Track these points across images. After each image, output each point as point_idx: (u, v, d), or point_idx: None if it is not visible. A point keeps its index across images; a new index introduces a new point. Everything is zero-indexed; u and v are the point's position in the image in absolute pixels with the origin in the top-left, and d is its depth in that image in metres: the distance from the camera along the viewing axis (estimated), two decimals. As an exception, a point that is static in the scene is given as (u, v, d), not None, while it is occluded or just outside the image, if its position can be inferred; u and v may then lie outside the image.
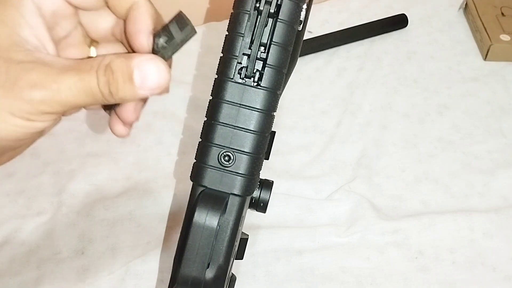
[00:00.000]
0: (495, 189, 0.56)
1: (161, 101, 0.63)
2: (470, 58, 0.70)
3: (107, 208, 0.52)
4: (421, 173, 0.57)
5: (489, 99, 0.65)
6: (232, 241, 0.34)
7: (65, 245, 0.50)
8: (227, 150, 0.33)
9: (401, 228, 0.52)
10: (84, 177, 0.55)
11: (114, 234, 0.50)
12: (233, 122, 0.33)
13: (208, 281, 0.33)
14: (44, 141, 0.58)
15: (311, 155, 0.58)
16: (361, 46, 0.71)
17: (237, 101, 0.33)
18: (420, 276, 0.48)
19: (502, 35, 0.69)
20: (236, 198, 0.33)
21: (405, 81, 0.67)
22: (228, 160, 0.33)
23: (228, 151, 0.33)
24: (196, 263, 0.33)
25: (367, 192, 0.55)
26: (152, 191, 0.54)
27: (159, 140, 0.59)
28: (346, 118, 0.62)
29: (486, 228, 0.52)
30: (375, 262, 0.49)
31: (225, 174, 0.33)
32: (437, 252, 0.50)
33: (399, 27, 0.74)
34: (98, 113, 0.62)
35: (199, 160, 0.34)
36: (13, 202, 0.53)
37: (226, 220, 0.33)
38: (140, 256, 0.49)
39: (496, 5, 0.74)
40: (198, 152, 0.34)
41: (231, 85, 0.33)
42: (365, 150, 0.59)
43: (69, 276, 0.48)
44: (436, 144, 0.60)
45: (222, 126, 0.33)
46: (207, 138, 0.34)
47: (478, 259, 0.50)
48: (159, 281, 0.48)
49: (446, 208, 0.54)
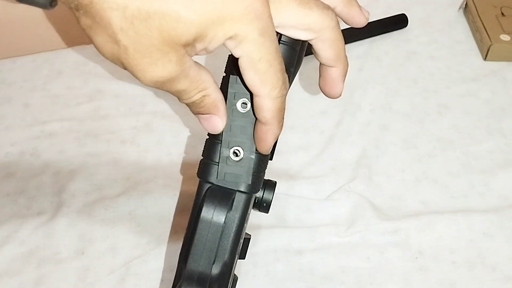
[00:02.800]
0: (495, 189, 0.56)
1: (161, 101, 0.63)
2: (470, 58, 0.70)
3: (107, 208, 0.52)
4: (421, 173, 0.57)
5: (489, 99, 0.65)
6: (237, 238, 0.34)
7: (65, 245, 0.50)
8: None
9: (401, 228, 0.52)
10: (84, 177, 0.55)
11: (114, 234, 0.50)
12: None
13: (213, 277, 0.33)
14: (44, 141, 0.59)
15: (311, 155, 0.58)
16: (361, 46, 0.71)
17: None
18: (420, 276, 0.48)
19: (502, 35, 0.69)
20: (242, 195, 0.34)
21: (405, 81, 0.67)
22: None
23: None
24: (203, 258, 0.33)
25: (367, 192, 0.55)
26: (152, 191, 0.54)
27: (159, 140, 0.59)
28: (346, 118, 0.62)
29: (486, 228, 0.52)
30: (375, 262, 0.49)
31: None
32: (437, 252, 0.50)
33: (399, 27, 0.74)
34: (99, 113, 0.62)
35: (206, 157, 0.34)
36: (13, 202, 0.53)
37: (232, 217, 0.34)
38: (140, 256, 0.49)
39: (496, 5, 0.74)
40: (205, 149, 0.34)
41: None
42: (365, 150, 0.59)
43: (69, 276, 0.48)
44: (436, 144, 0.60)
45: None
46: (214, 135, 0.34)
47: (478, 259, 0.50)
48: (159, 281, 0.48)
49: (446, 208, 0.54)
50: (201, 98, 0.32)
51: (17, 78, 0.66)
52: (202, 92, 0.31)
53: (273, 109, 0.31)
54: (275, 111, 0.31)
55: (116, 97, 0.63)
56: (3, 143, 0.58)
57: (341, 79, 0.34)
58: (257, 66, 0.29)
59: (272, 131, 0.32)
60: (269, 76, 0.30)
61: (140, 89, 0.64)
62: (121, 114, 0.62)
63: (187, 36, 0.28)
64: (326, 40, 0.32)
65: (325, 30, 0.31)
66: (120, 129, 0.60)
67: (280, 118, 0.32)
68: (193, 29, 0.28)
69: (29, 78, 0.66)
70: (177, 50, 0.29)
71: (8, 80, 0.66)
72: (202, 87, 0.31)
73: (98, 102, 0.63)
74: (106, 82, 0.65)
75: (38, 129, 0.60)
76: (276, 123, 0.32)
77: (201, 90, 0.31)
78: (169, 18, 0.27)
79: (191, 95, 0.31)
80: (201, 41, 0.29)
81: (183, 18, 0.27)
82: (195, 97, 0.31)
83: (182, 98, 0.32)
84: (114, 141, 0.59)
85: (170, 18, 0.27)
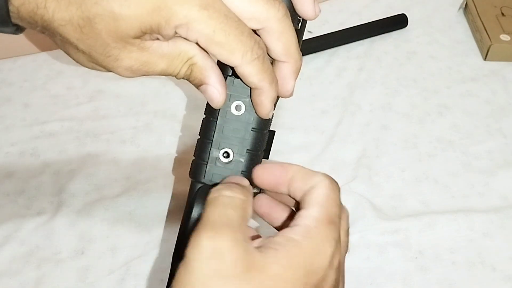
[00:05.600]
0: (495, 189, 0.56)
1: (161, 101, 0.63)
2: (470, 58, 0.70)
3: (107, 208, 0.52)
4: (421, 173, 0.57)
5: (489, 99, 0.65)
6: None
7: (65, 245, 0.50)
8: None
9: (401, 228, 0.52)
10: (84, 177, 0.55)
11: (114, 234, 0.50)
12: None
13: None
14: (44, 141, 0.58)
15: (311, 155, 0.58)
16: (361, 46, 0.71)
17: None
18: (420, 276, 0.48)
19: (502, 35, 0.69)
20: None
21: (405, 81, 0.67)
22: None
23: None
24: None
25: (367, 192, 0.55)
26: (152, 191, 0.54)
27: (159, 140, 0.59)
28: (346, 118, 0.62)
29: (486, 228, 0.52)
30: (375, 262, 0.49)
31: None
32: (437, 252, 0.50)
33: (399, 27, 0.74)
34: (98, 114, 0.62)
35: (197, 157, 0.34)
36: (13, 202, 0.53)
37: None
38: (140, 256, 0.49)
39: (496, 5, 0.74)
40: (196, 149, 0.34)
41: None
42: (365, 150, 0.59)
43: (69, 276, 0.48)
44: (436, 144, 0.60)
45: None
46: (205, 135, 0.34)
47: (478, 259, 0.50)
48: (159, 281, 0.48)
49: (446, 208, 0.54)
50: (190, 68, 0.31)
51: (17, 78, 0.66)
52: (188, 62, 0.31)
53: (255, 72, 0.30)
54: (259, 74, 0.31)
55: (116, 97, 0.63)
56: (3, 143, 0.58)
57: (292, 76, 0.33)
58: (216, 40, 0.29)
59: (266, 94, 0.32)
60: (233, 43, 0.29)
61: (140, 89, 0.64)
62: (121, 114, 0.62)
63: (132, 30, 0.29)
64: (273, 31, 0.31)
65: (271, 21, 0.30)
66: (120, 129, 0.60)
67: (269, 79, 0.31)
68: (135, 23, 0.29)
69: (29, 78, 0.66)
70: (133, 42, 0.30)
71: (8, 80, 0.66)
72: (185, 57, 0.31)
73: (98, 102, 0.63)
74: (106, 82, 0.65)
75: (38, 129, 0.60)
76: (267, 85, 0.31)
77: (186, 60, 0.31)
78: (108, 18, 0.29)
79: (178, 69, 0.31)
80: (150, 32, 0.29)
81: (120, 15, 0.28)
82: (183, 69, 0.31)
83: (175, 75, 0.32)
84: (114, 141, 0.59)
85: (109, 17, 0.29)
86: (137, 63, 0.30)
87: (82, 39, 0.30)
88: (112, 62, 0.30)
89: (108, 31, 0.29)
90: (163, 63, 0.31)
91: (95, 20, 0.29)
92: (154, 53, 0.30)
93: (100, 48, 0.30)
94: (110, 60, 0.30)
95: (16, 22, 0.31)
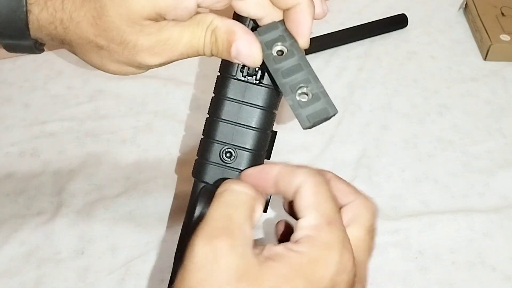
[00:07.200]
0: (495, 189, 0.56)
1: (161, 101, 0.63)
2: (470, 58, 0.70)
3: (107, 208, 0.52)
4: (421, 173, 0.57)
5: (489, 99, 0.65)
6: None
7: (65, 245, 0.50)
8: (228, 146, 0.34)
9: (401, 228, 0.52)
10: (84, 177, 0.55)
11: (114, 234, 0.50)
12: (235, 119, 0.34)
13: None
14: (44, 141, 0.58)
15: (311, 155, 0.58)
16: (361, 46, 0.71)
17: (239, 98, 0.33)
18: (420, 276, 0.48)
19: (502, 35, 0.69)
20: None
21: (405, 81, 0.67)
22: (229, 157, 0.34)
23: (229, 148, 0.34)
24: None
25: (367, 192, 0.54)
26: (152, 191, 0.54)
27: (159, 140, 0.59)
28: (346, 118, 0.62)
29: (486, 228, 0.52)
30: (375, 262, 0.49)
31: (226, 170, 0.34)
32: (437, 252, 0.50)
33: (399, 27, 0.74)
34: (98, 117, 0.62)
35: (200, 156, 0.34)
36: (13, 202, 0.53)
37: None
38: (140, 256, 0.49)
39: (496, 5, 0.74)
40: (200, 148, 0.35)
41: (233, 82, 0.33)
42: (365, 150, 0.59)
43: (69, 276, 0.48)
44: (436, 144, 0.60)
45: (224, 123, 0.34)
46: (209, 134, 0.34)
47: (478, 259, 0.50)
48: (159, 281, 0.48)
49: (446, 208, 0.54)
50: (213, 34, 0.31)
51: (17, 78, 0.66)
52: (209, 28, 0.31)
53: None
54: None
55: (116, 97, 0.63)
56: (3, 143, 0.58)
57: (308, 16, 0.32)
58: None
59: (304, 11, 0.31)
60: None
61: (141, 89, 0.64)
62: (121, 114, 0.62)
63: (144, 10, 0.29)
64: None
65: None
66: (120, 129, 0.60)
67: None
68: (145, 3, 0.29)
69: (29, 78, 0.66)
70: (148, 24, 0.30)
71: (8, 80, 0.65)
72: (204, 25, 0.31)
73: (98, 102, 0.63)
74: (106, 82, 0.65)
75: (38, 129, 0.60)
76: None
77: (206, 27, 0.31)
78: (118, 1, 0.29)
79: (202, 39, 0.31)
80: (164, 14, 0.30)
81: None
82: (207, 38, 0.31)
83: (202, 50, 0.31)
84: (114, 141, 0.59)
85: (119, 0, 0.29)
86: (159, 43, 0.30)
87: (99, 32, 0.30)
88: (133, 51, 0.31)
89: (120, 16, 0.29)
90: (185, 36, 0.31)
91: (107, 8, 0.29)
92: (173, 29, 0.31)
93: (117, 37, 0.30)
94: (130, 48, 0.30)
95: (35, 35, 0.31)
